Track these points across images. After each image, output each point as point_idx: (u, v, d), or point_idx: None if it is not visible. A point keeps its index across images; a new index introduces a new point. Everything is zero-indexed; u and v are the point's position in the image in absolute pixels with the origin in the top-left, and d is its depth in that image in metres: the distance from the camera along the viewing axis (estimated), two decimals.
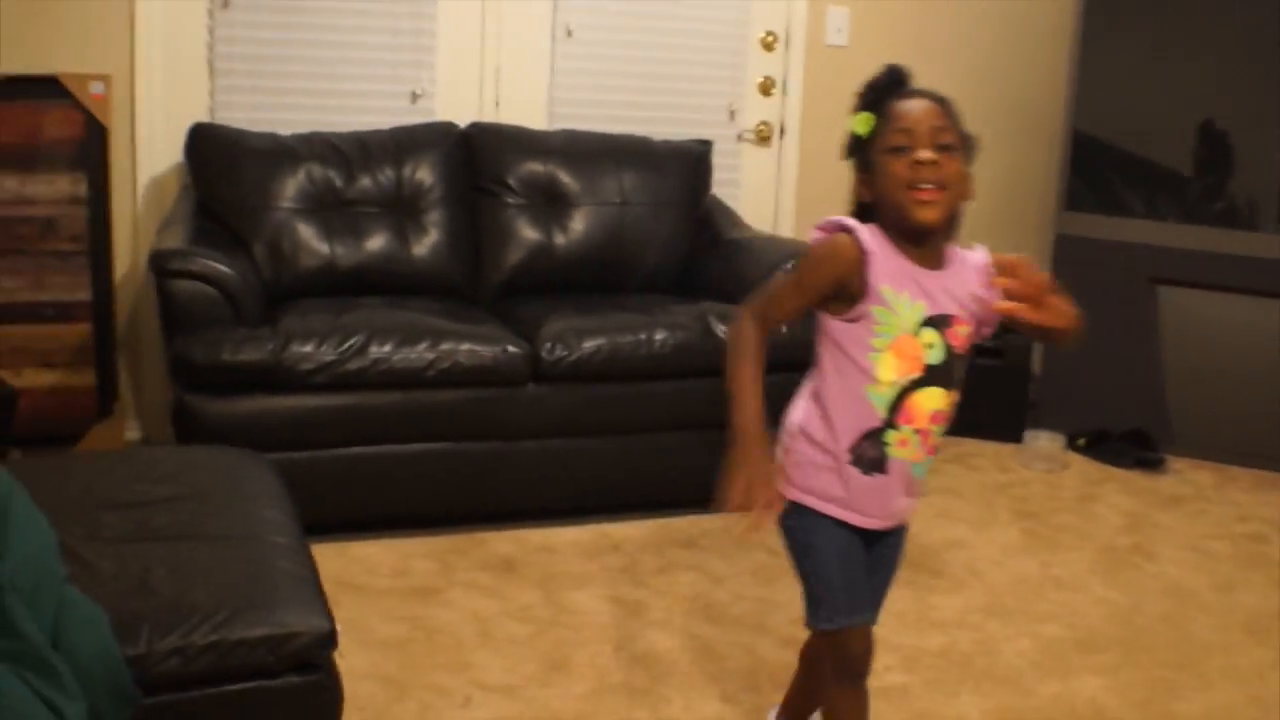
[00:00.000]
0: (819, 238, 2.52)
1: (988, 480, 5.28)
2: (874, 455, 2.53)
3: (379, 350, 4.12)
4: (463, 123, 5.11)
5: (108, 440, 4.80)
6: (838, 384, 2.53)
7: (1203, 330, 5.68)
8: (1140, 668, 3.70)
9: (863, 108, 2.56)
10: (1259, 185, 5.64)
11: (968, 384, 2.54)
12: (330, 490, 4.13)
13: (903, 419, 2.50)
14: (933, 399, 2.51)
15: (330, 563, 3.92)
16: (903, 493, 2.59)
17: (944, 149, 2.44)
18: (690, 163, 5.29)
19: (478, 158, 5.02)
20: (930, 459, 2.58)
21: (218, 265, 4.07)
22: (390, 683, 3.31)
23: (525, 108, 5.40)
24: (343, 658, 2.56)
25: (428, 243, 4.81)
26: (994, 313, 2.52)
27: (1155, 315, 5.72)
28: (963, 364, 2.53)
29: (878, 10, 5.97)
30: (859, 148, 2.53)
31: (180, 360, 4.01)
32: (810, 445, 2.57)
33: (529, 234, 4.96)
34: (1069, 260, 5.76)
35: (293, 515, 2.92)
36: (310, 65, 5.08)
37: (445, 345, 4.20)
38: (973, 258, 2.57)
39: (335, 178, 4.77)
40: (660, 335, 4.47)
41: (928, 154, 2.42)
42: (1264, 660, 3.84)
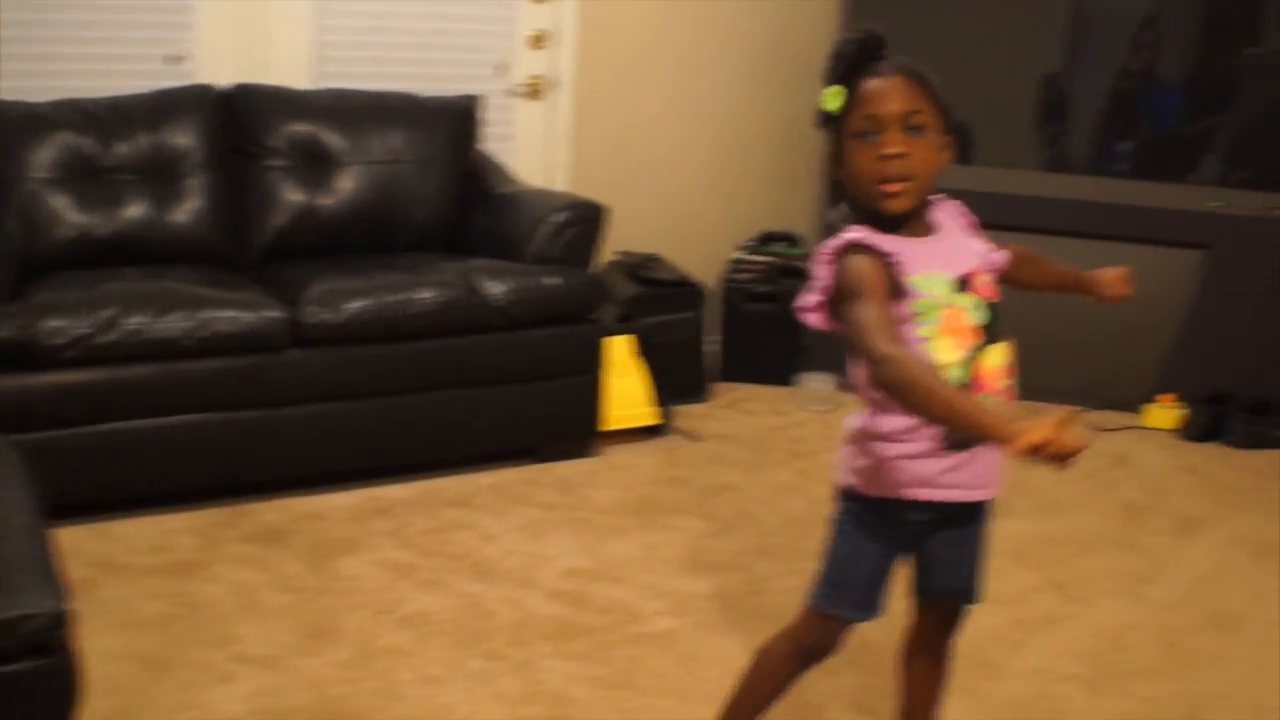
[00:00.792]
0: (830, 268, 2.37)
1: (762, 424, 5.34)
2: (962, 435, 2.40)
3: (135, 321, 4.02)
4: (225, 85, 4.99)
5: None
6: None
7: None
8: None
9: (833, 80, 2.39)
10: (1041, 131, 5.79)
11: (745, 330, 2.46)
12: (88, 469, 4.02)
13: (979, 390, 2.39)
14: (997, 356, 2.42)
15: (90, 544, 3.86)
16: (982, 466, 2.48)
17: (914, 130, 2.34)
18: (457, 118, 5.24)
19: (240, 120, 4.91)
20: (1012, 385, 2.48)
21: None
22: (151, 662, 3.26)
23: (289, 68, 5.29)
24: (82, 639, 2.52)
25: (189, 209, 4.71)
26: (998, 262, 2.51)
27: None
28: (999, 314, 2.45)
29: None
30: (830, 123, 2.41)
31: None
32: (894, 444, 2.46)
33: (293, 196, 4.89)
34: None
35: (32, 495, 2.85)
36: (62, 29, 4.91)
37: (204, 313, 4.12)
38: (949, 207, 2.52)
39: (90, 145, 4.62)
40: (425, 294, 4.44)
41: (895, 147, 2.32)
42: (1027, 583, 3.97)
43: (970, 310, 2.39)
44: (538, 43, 5.79)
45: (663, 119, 6.10)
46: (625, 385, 5.02)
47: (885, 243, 2.34)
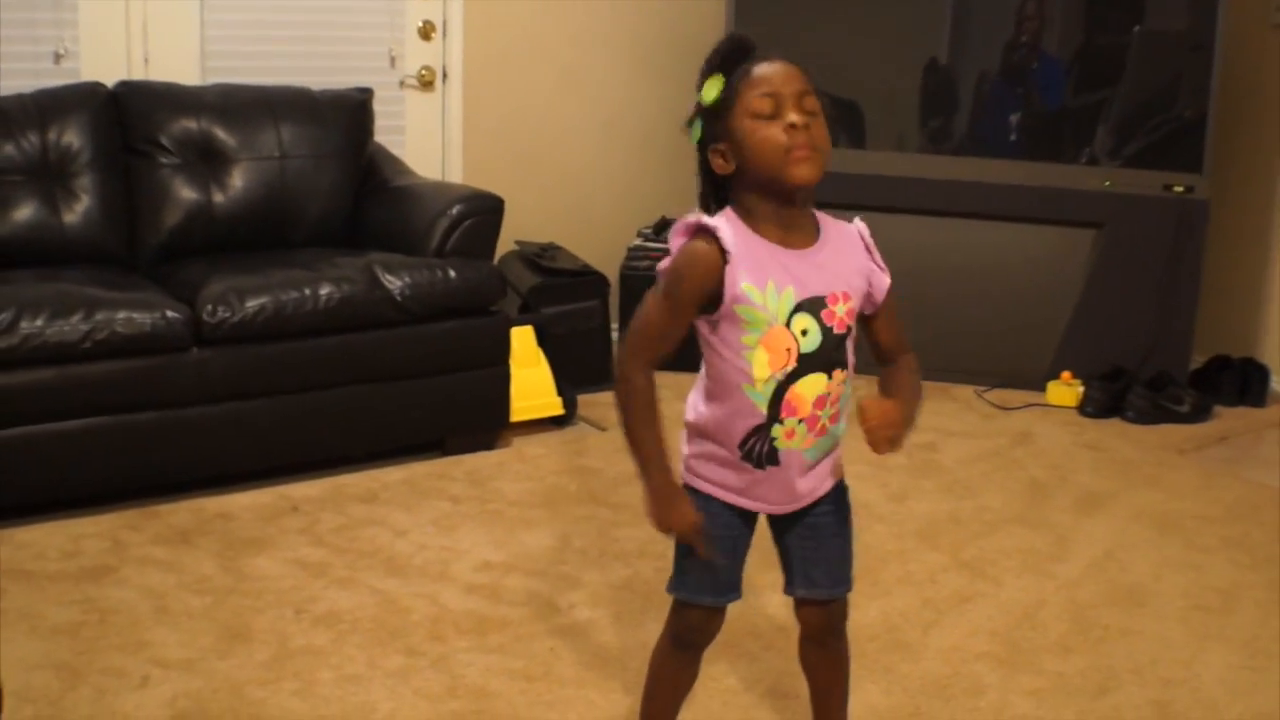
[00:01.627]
0: (679, 243, 2.42)
1: (669, 410, 5.26)
2: (763, 450, 2.47)
3: (30, 325, 3.95)
4: (110, 82, 4.91)
5: None
6: (719, 385, 2.47)
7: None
8: None
9: (708, 70, 2.38)
10: (929, 111, 5.84)
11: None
12: None
13: (785, 413, 2.42)
14: (814, 386, 2.42)
15: None
16: (801, 477, 2.53)
17: (809, 114, 2.32)
18: (351, 111, 5.20)
19: (128, 118, 4.84)
20: (825, 438, 2.51)
21: None
22: (63, 670, 3.20)
23: (176, 64, 5.22)
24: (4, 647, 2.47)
25: (79, 210, 4.64)
26: (879, 287, 2.48)
27: None
28: (847, 341, 2.46)
29: None
30: (710, 117, 2.38)
31: None
32: (705, 441, 2.54)
33: (186, 194, 4.82)
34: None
35: None
36: None
37: (101, 315, 4.05)
38: (850, 230, 2.49)
39: None
40: (325, 290, 4.40)
41: (798, 117, 2.30)
42: (936, 564, 4.00)
43: (802, 334, 2.38)
44: (427, 33, 5.75)
45: (555, 107, 6.08)
46: (530, 376, 5.00)
47: (732, 240, 2.35)
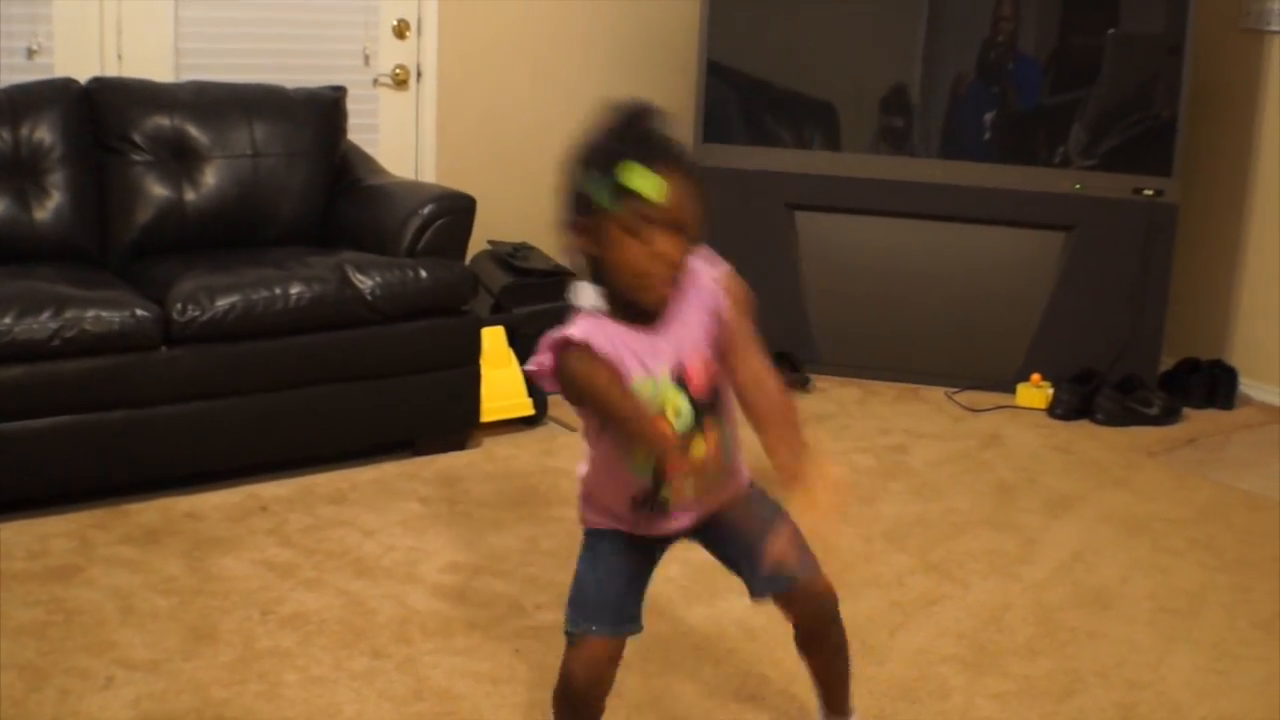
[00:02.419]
0: (547, 360, 2.38)
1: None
2: (651, 505, 2.51)
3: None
4: (83, 78, 4.90)
5: None
6: (601, 461, 2.52)
7: (840, 253, 5.85)
8: None
9: (597, 161, 2.37)
10: (901, 113, 5.85)
11: None
12: None
13: (670, 476, 2.44)
14: (694, 450, 2.44)
15: None
16: (692, 509, 2.56)
17: (680, 230, 2.31)
18: (324, 110, 5.19)
19: (101, 114, 4.83)
20: (711, 474, 2.50)
21: None
22: (28, 670, 3.20)
23: (150, 60, 5.22)
24: None
25: (50, 206, 4.63)
26: (733, 334, 2.46)
27: (795, 240, 5.85)
28: (716, 391, 2.46)
29: None
30: (584, 204, 2.36)
31: None
32: (594, 498, 2.59)
33: (158, 191, 4.81)
34: (708, 191, 5.84)
35: None
36: None
37: (70, 313, 4.04)
38: (700, 281, 2.44)
39: None
40: (296, 289, 4.39)
41: (667, 247, 2.29)
42: (903, 566, 4.01)
43: (676, 415, 2.41)
44: (401, 32, 5.76)
45: (528, 106, 6.08)
46: (501, 376, 4.99)
47: (600, 345, 2.35)
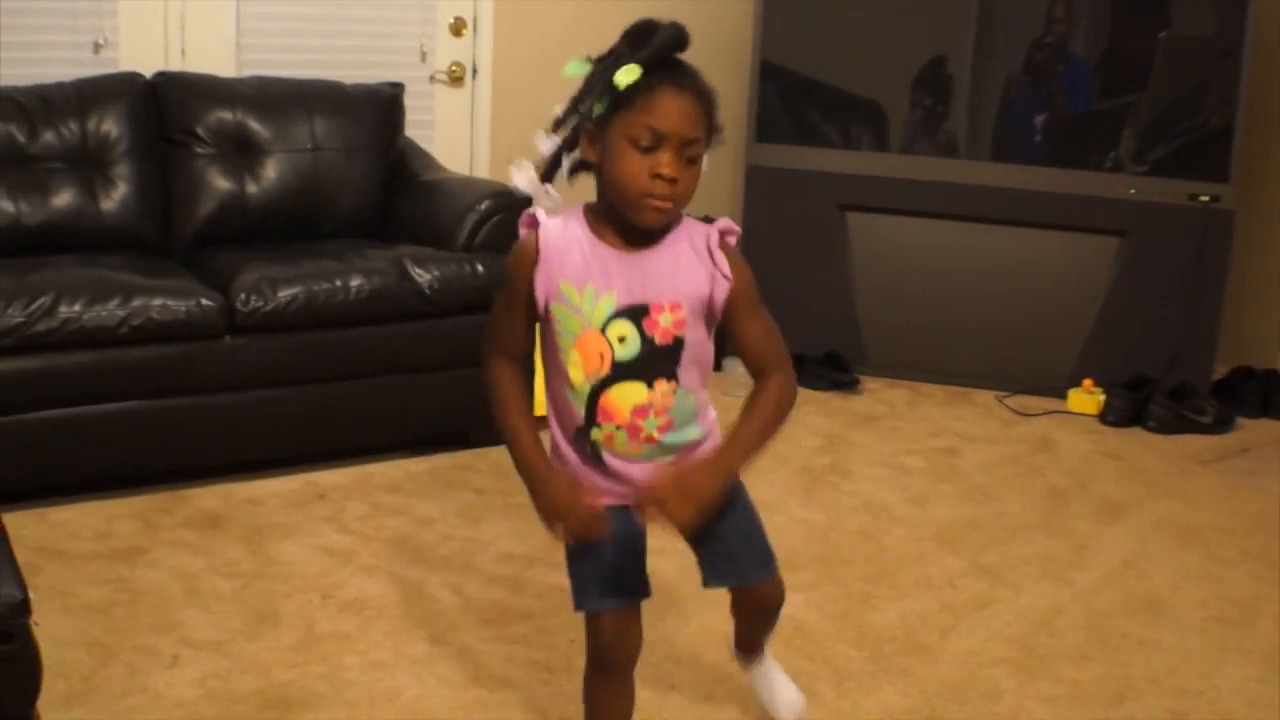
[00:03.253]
0: (521, 235, 2.41)
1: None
2: (587, 451, 2.45)
3: (69, 310, 4.02)
4: (148, 73, 4.98)
5: None
6: (549, 383, 2.47)
7: (891, 254, 5.87)
8: (838, 582, 3.85)
9: (633, 60, 2.34)
10: (953, 115, 5.87)
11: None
12: (27, 455, 4.02)
13: (601, 418, 2.40)
14: (631, 395, 2.38)
15: (30, 530, 3.86)
16: (633, 477, 2.43)
17: (688, 161, 2.28)
18: (382, 105, 5.26)
19: (165, 108, 4.91)
20: (657, 448, 2.44)
21: None
22: (96, 647, 3.27)
23: (213, 56, 5.30)
24: (39, 625, 2.52)
25: (116, 197, 4.70)
26: (719, 296, 2.40)
27: (846, 241, 5.88)
28: (676, 351, 2.39)
29: None
30: (607, 100, 2.33)
31: None
32: (554, 428, 2.50)
33: (220, 184, 4.89)
34: (760, 190, 5.91)
35: None
36: None
37: (137, 301, 4.12)
38: (699, 232, 2.41)
39: (17, 133, 4.61)
40: (356, 281, 4.46)
41: (670, 169, 2.26)
42: (954, 568, 4.02)
43: (620, 341, 2.36)
44: (458, 29, 5.81)
45: None
46: None
47: (553, 239, 2.37)
